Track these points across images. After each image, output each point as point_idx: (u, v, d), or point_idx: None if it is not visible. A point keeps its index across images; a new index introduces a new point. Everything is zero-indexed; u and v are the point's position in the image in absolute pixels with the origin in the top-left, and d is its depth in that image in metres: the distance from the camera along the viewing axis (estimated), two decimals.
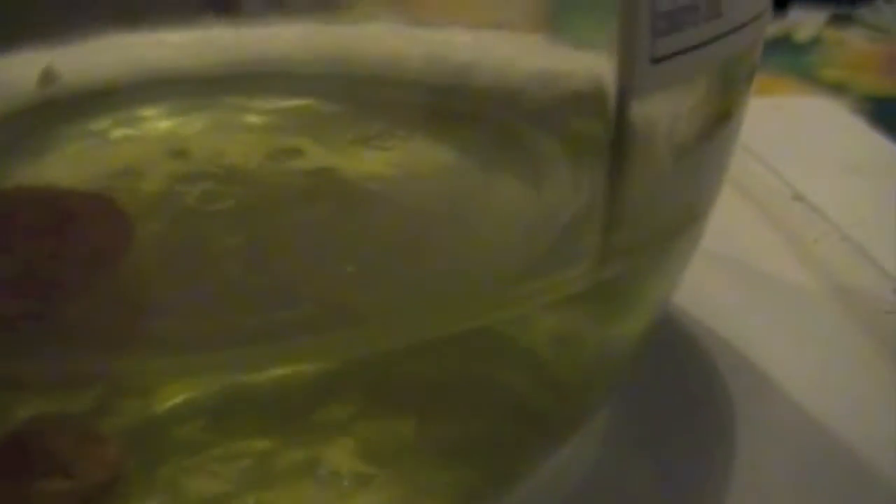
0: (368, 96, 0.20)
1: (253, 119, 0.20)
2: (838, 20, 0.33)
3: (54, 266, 0.15)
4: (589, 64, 0.15)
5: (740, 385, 0.18)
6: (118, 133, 0.19)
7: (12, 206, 0.16)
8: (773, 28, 0.32)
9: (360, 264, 0.16)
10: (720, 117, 0.16)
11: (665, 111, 0.14)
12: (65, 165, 0.18)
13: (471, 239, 0.16)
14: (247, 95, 0.20)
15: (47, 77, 0.17)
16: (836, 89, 0.30)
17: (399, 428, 0.16)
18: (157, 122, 0.19)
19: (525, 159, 0.17)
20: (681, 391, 0.18)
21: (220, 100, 0.20)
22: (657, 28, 0.13)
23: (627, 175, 0.14)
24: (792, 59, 0.31)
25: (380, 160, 0.18)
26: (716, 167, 0.16)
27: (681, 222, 0.15)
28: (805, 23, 0.33)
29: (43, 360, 0.14)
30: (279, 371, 0.15)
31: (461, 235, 0.16)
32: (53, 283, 0.15)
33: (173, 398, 0.15)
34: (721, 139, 0.16)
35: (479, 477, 0.17)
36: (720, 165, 0.16)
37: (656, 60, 0.13)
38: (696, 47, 0.13)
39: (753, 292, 0.20)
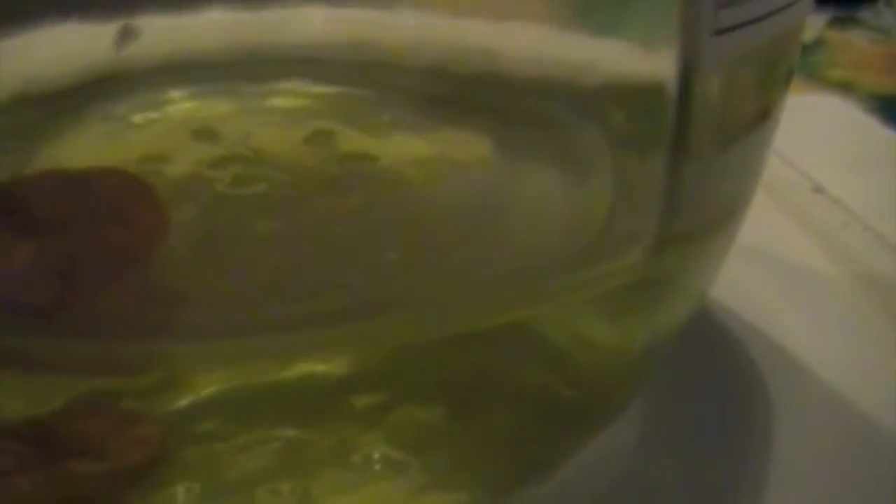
0: (397, 83, 0.19)
1: (279, 103, 0.19)
2: (840, 22, 0.34)
3: (89, 253, 0.15)
4: (631, 50, 0.15)
5: (771, 370, 0.18)
6: (140, 116, 0.19)
7: (45, 190, 0.15)
8: None
9: (399, 252, 0.15)
10: (763, 114, 0.16)
11: (719, 94, 0.14)
12: (88, 150, 0.18)
13: (511, 228, 0.16)
14: (269, 80, 0.20)
15: (126, 34, 0.16)
16: (843, 88, 0.30)
17: (431, 417, 0.16)
18: (180, 104, 0.19)
19: (564, 148, 0.17)
20: (712, 378, 0.18)
21: (242, 84, 0.20)
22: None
23: (689, 157, 0.14)
24: (798, 59, 0.31)
25: (415, 147, 0.18)
26: (758, 160, 0.16)
27: (729, 211, 0.15)
28: (807, 24, 0.33)
29: (78, 347, 0.14)
30: (315, 360, 0.15)
31: (502, 224, 0.16)
32: (89, 271, 0.15)
33: (208, 384, 0.15)
34: (764, 133, 0.16)
35: (511, 468, 0.17)
36: (762, 159, 0.16)
37: (719, 32, 0.13)
38: (752, 21, 0.13)
39: (781, 281, 0.20)
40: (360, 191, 0.17)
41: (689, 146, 0.14)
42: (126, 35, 0.16)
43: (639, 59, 0.14)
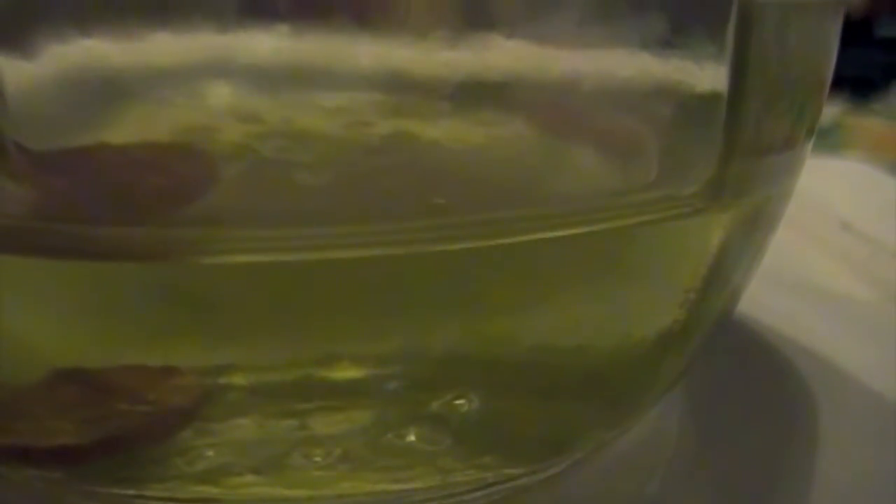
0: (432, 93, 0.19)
1: (320, 101, 0.20)
2: (855, 109, 0.34)
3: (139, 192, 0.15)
4: None
5: (810, 374, 0.18)
6: (182, 101, 0.19)
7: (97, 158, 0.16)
8: None
9: (447, 198, 0.15)
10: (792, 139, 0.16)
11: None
12: (131, 124, 0.18)
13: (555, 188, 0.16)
14: (310, 90, 0.20)
15: None
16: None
17: (466, 393, 0.16)
18: (223, 98, 0.19)
19: (605, 131, 0.17)
20: (752, 383, 0.18)
21: (283, 90, 0.20)
22: None
23: (744, 112, 0.14)
24: (817, 141, 0.31)
25: (458, 126, 0.18)
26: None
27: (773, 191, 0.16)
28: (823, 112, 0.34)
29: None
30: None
31: (546, 185, 0.16)
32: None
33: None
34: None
35: (552, 439, 0.16)
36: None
37: None
38: None
39: (816, 302, 0.20)
40: (404, 154, 0.17)
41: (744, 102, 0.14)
42: None
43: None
